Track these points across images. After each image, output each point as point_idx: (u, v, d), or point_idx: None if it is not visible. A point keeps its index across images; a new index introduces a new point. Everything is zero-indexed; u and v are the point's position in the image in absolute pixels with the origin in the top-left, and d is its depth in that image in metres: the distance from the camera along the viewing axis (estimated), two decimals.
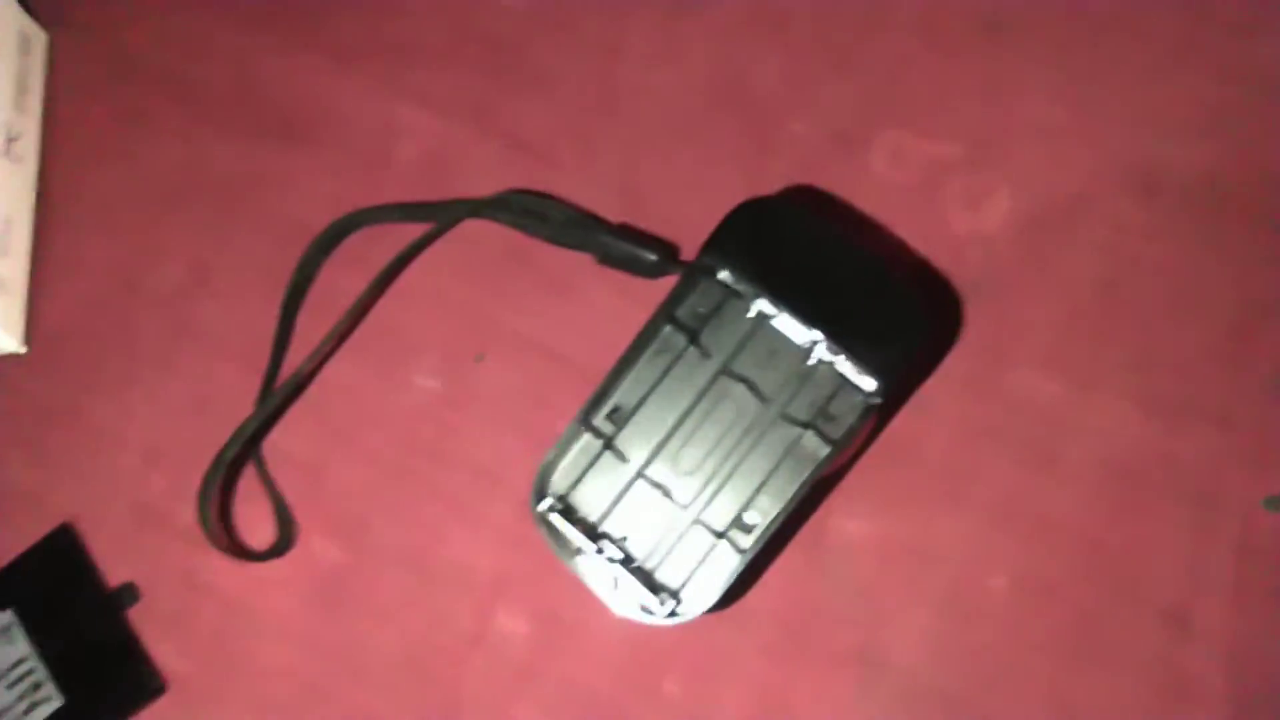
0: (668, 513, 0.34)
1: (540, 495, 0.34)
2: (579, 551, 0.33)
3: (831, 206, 0.40)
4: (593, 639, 0.38)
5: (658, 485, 0.34)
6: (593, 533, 0.34)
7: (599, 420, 0.34)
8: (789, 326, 0.34)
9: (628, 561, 0.33)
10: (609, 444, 0.34)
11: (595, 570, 0.33)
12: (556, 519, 0.33)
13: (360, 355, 0.41)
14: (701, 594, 0.33)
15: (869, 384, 0.33)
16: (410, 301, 0.41)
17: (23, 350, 0.42)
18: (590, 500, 0.34)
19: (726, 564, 0.33)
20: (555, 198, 0.40)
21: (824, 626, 0.37)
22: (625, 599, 0.33)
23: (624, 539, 0.34)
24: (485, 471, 0.39)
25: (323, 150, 0.43)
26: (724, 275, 0.34)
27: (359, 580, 0.39)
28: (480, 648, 0.38)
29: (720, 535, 0.33)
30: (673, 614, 0.33)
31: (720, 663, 0.37)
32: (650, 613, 0.33)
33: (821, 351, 0.33)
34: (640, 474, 0.34)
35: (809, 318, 0.33)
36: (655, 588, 0.33)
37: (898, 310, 0.33)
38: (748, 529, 0.33)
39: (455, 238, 0.41)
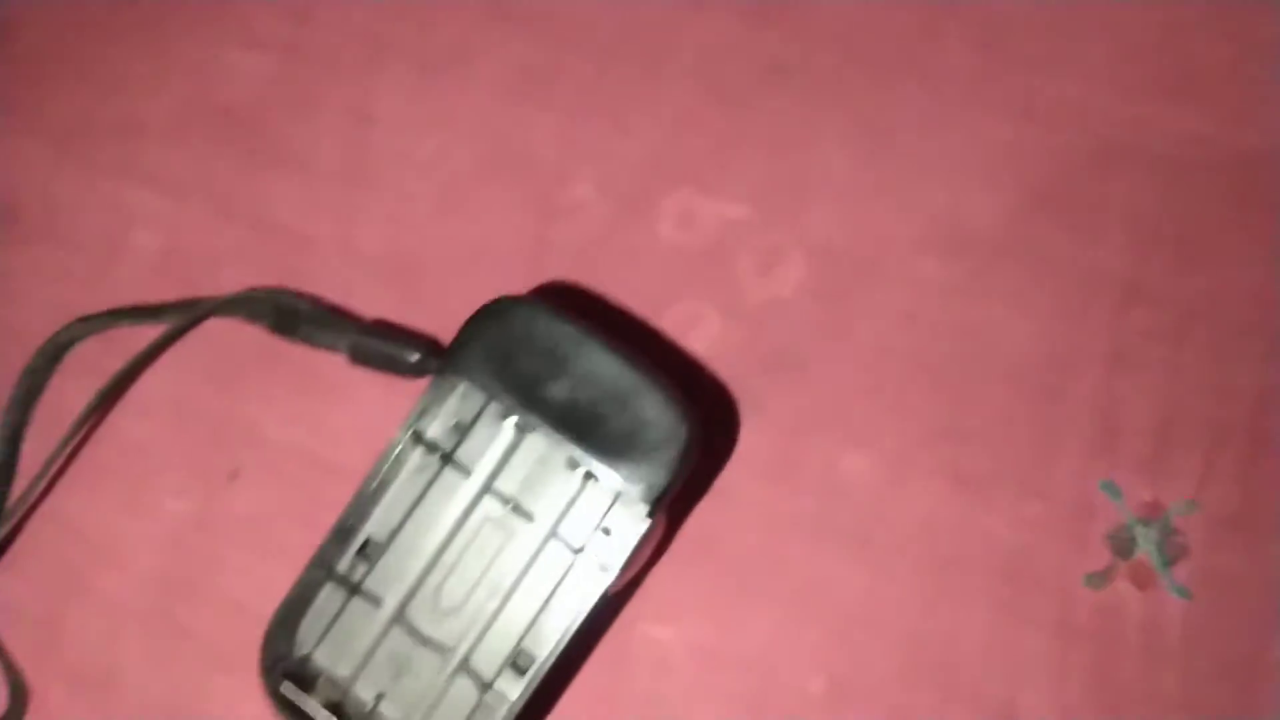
0: (429, 663, 0.30)
1: (271, 662, 0.29)
2: None
3: (614, 282, 0.37)
4: None
5: (416, 631, 0.30)
6: (339, 702, 0.30)
7: (343, 562, 0.30)
8: (551, 440, 0.30)
9: None
10: (356, 589, 0.30)
11: None
12: (290, 690, 0.29)
13: (97, 479, 0.36)
14: None
15: (639, 502, 0.30)
16: (151, 414, 0.36)
17: None
18: (336, 658, 0.30)
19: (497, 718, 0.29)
20: (299, 294, 0.36)
21: None
22: None
23: (379, 700, 0.30)
24: (245, 608, 0.34)
25: (46, 248, 0.38)
26: (469, 386, 0.30)
27: None
28: None
29: (488, 686, 0.30)
30: None
31: None
32: None
33: (588, 466, 0.30)
34: (396, 619, 0.30)
35: (569, 431, 0.30)
36: None
37: (664, 418, 0.30)
38: (521, 671, 0.30)
39: (199, 339, 0.36)
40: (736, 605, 0.35)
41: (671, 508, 0.33)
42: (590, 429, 0.30)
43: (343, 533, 0.30)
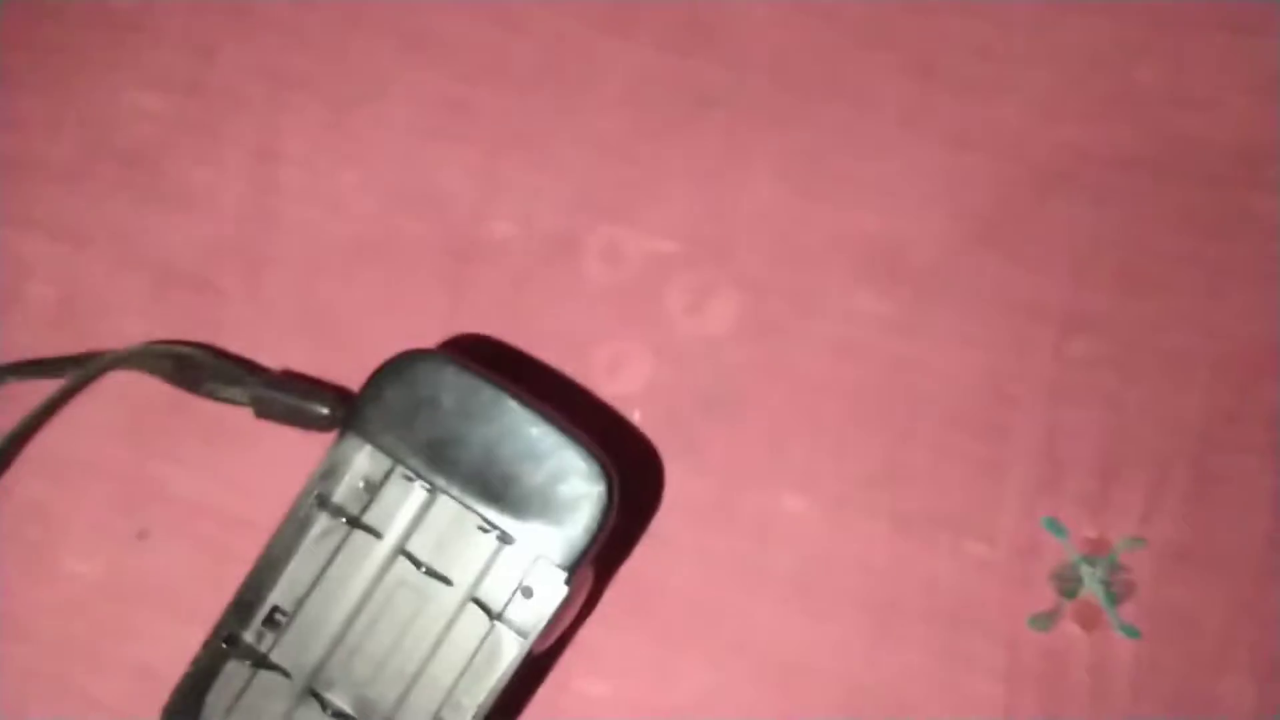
0: None
1: None
2: None
3: (539, 323, 0.35)
4: None
5: (328, 704, 0.28)
6: None
7: (249, 633, 0.28)
8: (461, 504, 0.28)
9: None
10: (263, 661, 0.28)
11: None
12: None
13: None
14: None
15: (556, 565, 0.28)
16: (51, 473, 0.34)
17: None
18: None
19: None
20: (201, 345, 0.34)
21: None
22: None
23: None
24: (156, 673, 0.32)
25: None
26: (372, 448, 0.29)
27: None
28: None
29: None
30: None
31: None
32: None
33: (502, 529, 0.28)
34: (307, 692, 0.28)
35: (481, 494, 0.28)
36: None
37: (581, 476, 0.28)
38: None
39: (100, 392, 0.34)
40: (672, 658, 0.33)
41: (602, 557, 0.31)
42: (503, 490, 0.28)
43: (245, 603, 0.28)
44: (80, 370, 0.33)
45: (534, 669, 0.31)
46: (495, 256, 0.35)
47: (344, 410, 0.30)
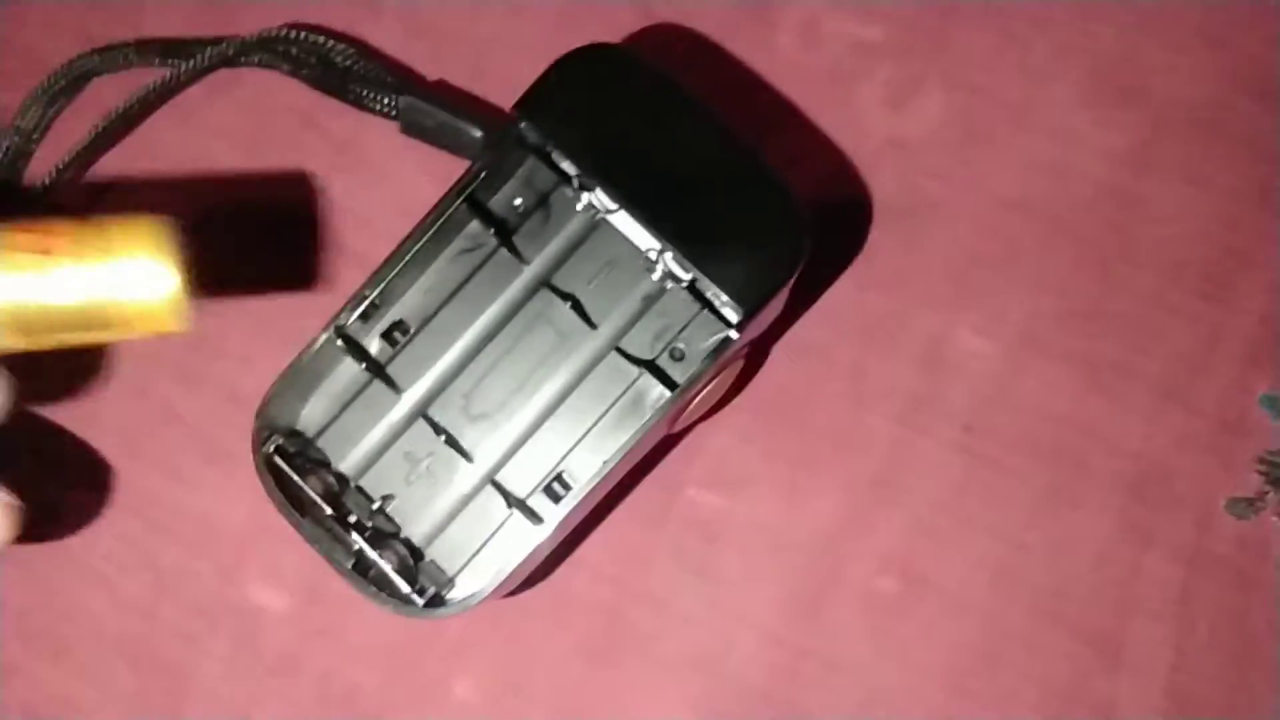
0: (450, 470, 0.25)
1: (266, 430, 0.25)
2: (307, 513, 0.24)
3: (717, 95, 0.31)
4: (365, 624, 0.29)
5: (441, 431, 0.25)
6: (337, 490, 0.25)
7: (369, 337, 0.25)
8: (632, 229, 0.25)
9: (381, 533, 0.25)
10: (380, 372, 0.25)
11: (328, 541, 0.24)
12: (283, 464, 0.24)
13: None
14: (483, 579, 0.24)
15: (729, 313, 0.24)
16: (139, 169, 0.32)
17: None
18: (344, 445, 0.25)
19: (522, 542, 0.24)
20: (348, 38, 0.30)
21: (659, 622, 0.29)
22: (368, 582, 0.24)
23: (386, 500, 0.25)
24: (241, 400, 0.30)
25: None
26: (541, 149, 0.25)
27: (64, 526, 0.30)
28: (221, 626, 0.29)
29: (518, 503, 0.25)
30: (435, 603, 0.24)
31: (527, 662, 0.29)
32: (406, 602, 0.24)
33: (670, 265, 0.25)
34: (419, 414, 0.25)
35: (656, 219, 0.24)
36: (414, 569, 0.24)
37: (775, 213, 0.24)
38: (557, 497, 0.25)
39: (225, 89, 0.32)
40: (807, 481, 0.29)
41: (749, 353, 0.28)
42: (682, 220, 0.24)
43: (369, 305, 0.25)
44: (196, 55, 0.30)
45: (654, 452, 0.28)
46: (682, 13, 0.32)
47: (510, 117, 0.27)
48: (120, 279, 0.19)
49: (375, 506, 0.25)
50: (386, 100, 0.28)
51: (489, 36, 0.32)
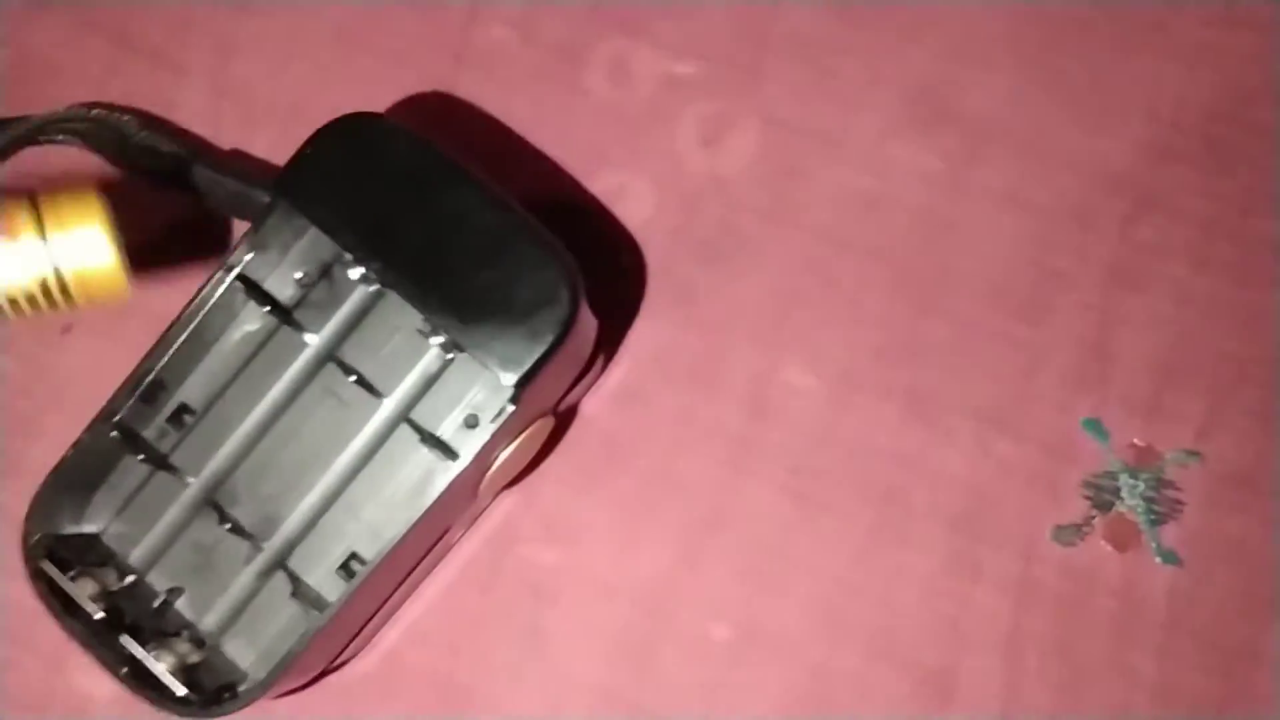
0: (240, 556, 0.24)
1: (37, 533, 0.24)
2: (74, 613, 0.24)
3: (530, 142, 0.31)
4: None
5: (228, 518, 0.24)
6: (116, 589, 0.24)
7: (152, 423, 0.25)
8: (407, 300, 0.24)
9: (163, 632, 0.24)
10: (163, 462, 0.25)
11: (101, 646, 0.23)
12: (51, 570, 0.23)
13: None
14: (268, 669, 0.23)
15: (504, 377, 0.24)
16: None
17: None
18: (132, 537, 0.25)
19: (304, 630, 0.23)
20: (141, 113, 0.30)
21: (490, 686, 0.28)
22: (144, 685, 0.23)
23: (173, 594, 0.24)
24: None
25: None
26: (316, 231, 0.24)
27: None
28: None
29: (303, 588, 0.24)
30: (214, 700, 0.23)
31: None
32: (184, 703, 0.23)
33: (450, 335, 0.24)
34: (206, 502, 0.25)
35: (419, 293, 0.24)
36: (196, 667, 0.24)
37: (542, 274, 0.24)
38: (350, 574, 0.24)
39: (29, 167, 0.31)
40: (637, 530, 0.29)
41: (564, 408, 0.27)
42: (444, 292, 0.24)
43: (148, 393, 0.24)
44: (4, 134, 0.29)
45: (467, 519, 0.27)
46: (490, 61, 0.31)
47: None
48: (73, 249, 0.23)
49: (158, 603, 0.24)
50: (177, 174, 0.28)
51: (296, 99, 0.31)
